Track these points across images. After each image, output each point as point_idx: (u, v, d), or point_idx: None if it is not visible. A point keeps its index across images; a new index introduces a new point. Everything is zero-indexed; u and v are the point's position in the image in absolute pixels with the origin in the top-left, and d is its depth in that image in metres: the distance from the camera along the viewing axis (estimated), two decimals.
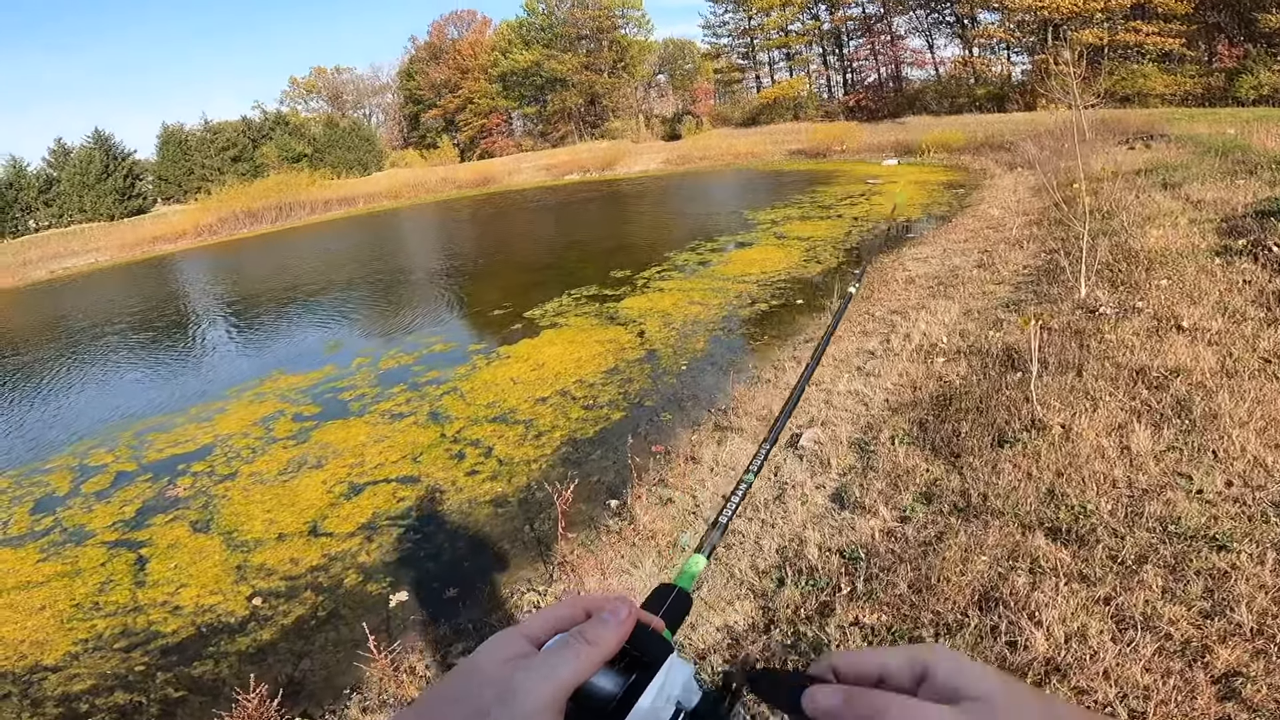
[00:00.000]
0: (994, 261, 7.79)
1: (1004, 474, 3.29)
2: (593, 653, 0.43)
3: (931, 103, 35.75)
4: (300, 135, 46.14)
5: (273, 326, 10.98)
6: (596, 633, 0.45)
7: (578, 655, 0.43)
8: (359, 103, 59.65)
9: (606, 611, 0.46)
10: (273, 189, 31.45)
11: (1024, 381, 4.20)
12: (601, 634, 0.44)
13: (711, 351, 6.80)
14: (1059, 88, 13.81)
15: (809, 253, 10.37)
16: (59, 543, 4.78)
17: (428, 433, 5.66)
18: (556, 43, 47.18)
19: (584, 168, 32.76)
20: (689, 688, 0.47)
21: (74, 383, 9.20)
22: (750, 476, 0.72)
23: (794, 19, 44.00)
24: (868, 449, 4.00)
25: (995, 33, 35.76)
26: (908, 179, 17.50)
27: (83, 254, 25.43)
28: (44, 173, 39.43)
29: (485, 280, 12.43)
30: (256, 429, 6.28)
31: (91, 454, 6.31)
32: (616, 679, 0.45)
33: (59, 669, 3.52)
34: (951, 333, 5.69)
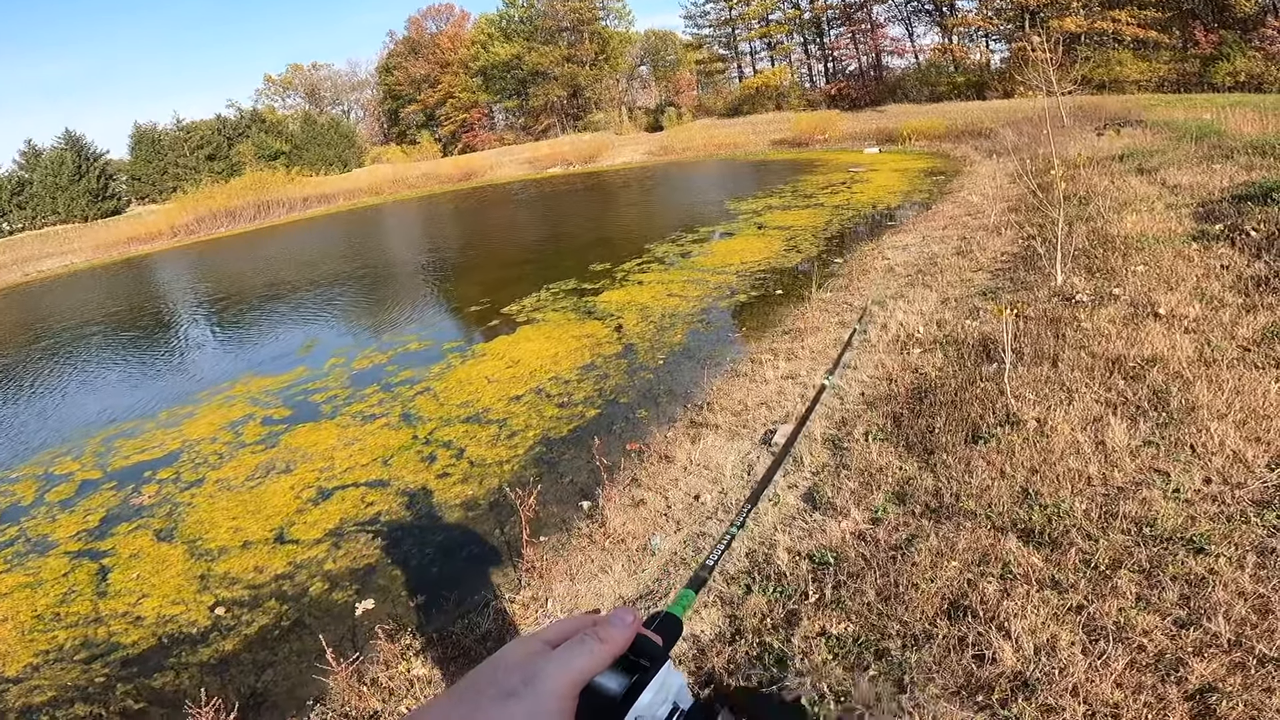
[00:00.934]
0: (972, 249, 7.75)
1: (977, 472, 3.22)
2: (604, 649, 0.49)
3: (912, 91, 35.78)
4: (277, 133, 45.47)
5: (246, 327, 10.77)
6: (608, 632, 0.50)
7: (591, 650, 0.48)
8: (337, 99, 58.93)
9: (615, 616, 0.52)
10: (249, 187, 30.92)
11: (999, 373, 4.14)
12: (612, 633, 0.50)
13: (689, 345, 6.72)
14: (1036, 75, 13.82)
15: (789, 242, 10.30)
16: (22, 553, 4.66)
17: (399, 435, 5.54)
18: (537, 35, 46.75)
19: (566, 161, 32.50)
20: (683, 693, 0.52)
21: (44, 389, 8.97)
22: (734, 529, 0.85)
23: (774, 8, 43.89)
24: (841, 446, 3.94)
25: (973, 20, 35.82)
26: (889, 166, 17.48)
27: (57, 256, 24.95)
28: (15, 175, 38.64)
29: (464, 276, 12.26)
30: (225, 434, 6.14)
31: (58, 462, 6.14)
32: (620, 679, 0.50)
33: (19, 680, 3.43)
34: (929, 322, 5.63)
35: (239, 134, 45.27)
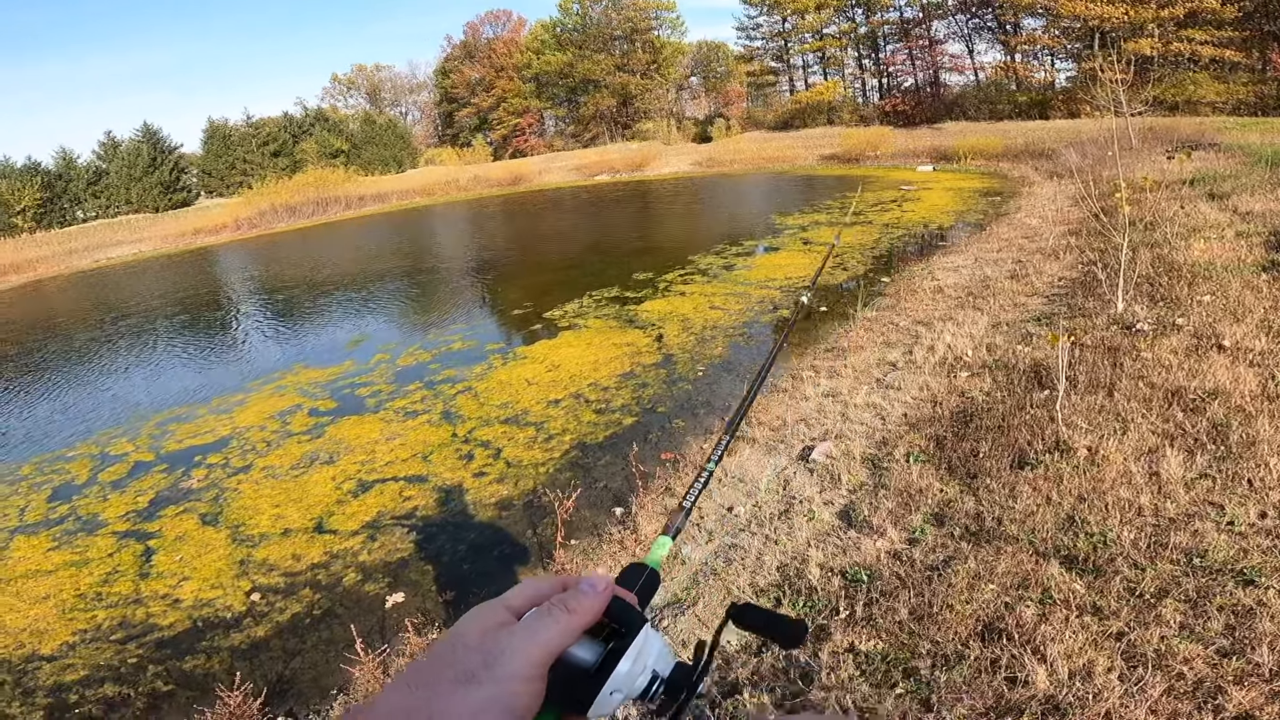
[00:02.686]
0: (1028, 272, 7.52)
1: (1022, 497, 3.13)
2: (573, 620, 0.45)
3: (970, 108, 35.01)
4: (338, 131, 46.99)
5: (299, 320, 11.14)
6: (576, 602, 0.46)
7: (558, 622, 0.45)
8: (396, 100, 60.67)
9: (585, 583, 0.48)
10: (310, 184, 32.05)
11: (1050, 400, 4.00)
12: (581, 603, 0.46)
13: (730, 358, 6.68)
14: (1105, 95, 13.36)
15: (836, 259, 10.16)
16: (71, 531, 4.84)
17: (439, 432, 5.64)
18: (590, 43, 47.34)
19: (614, 168, 32.77)
20: (664, 657, 0.49)
21: (107, 370, 9.44)
22: (711, 465, 0.77)
23: (829, 22, 43.49)
24: (881, 465, 3.86)
25: (1040, 39, 34.87)
26: (942, 185, 17.12)
27: (127, 244, 26.19)
28: (93, 165, 40.76)
29: (509, 279, 12.46)
30: (274, 422, 6.34)
31: (113, 443, 6.43)
32: (595, 648, 0.47)
33: (54, 659, 3.55)
34: (978, 346, 5.49)
35: (303, 131, 46.92)
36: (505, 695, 0.41)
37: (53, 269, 22.88)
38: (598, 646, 0.47)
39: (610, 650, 0.47)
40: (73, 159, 40.22)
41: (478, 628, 0.45)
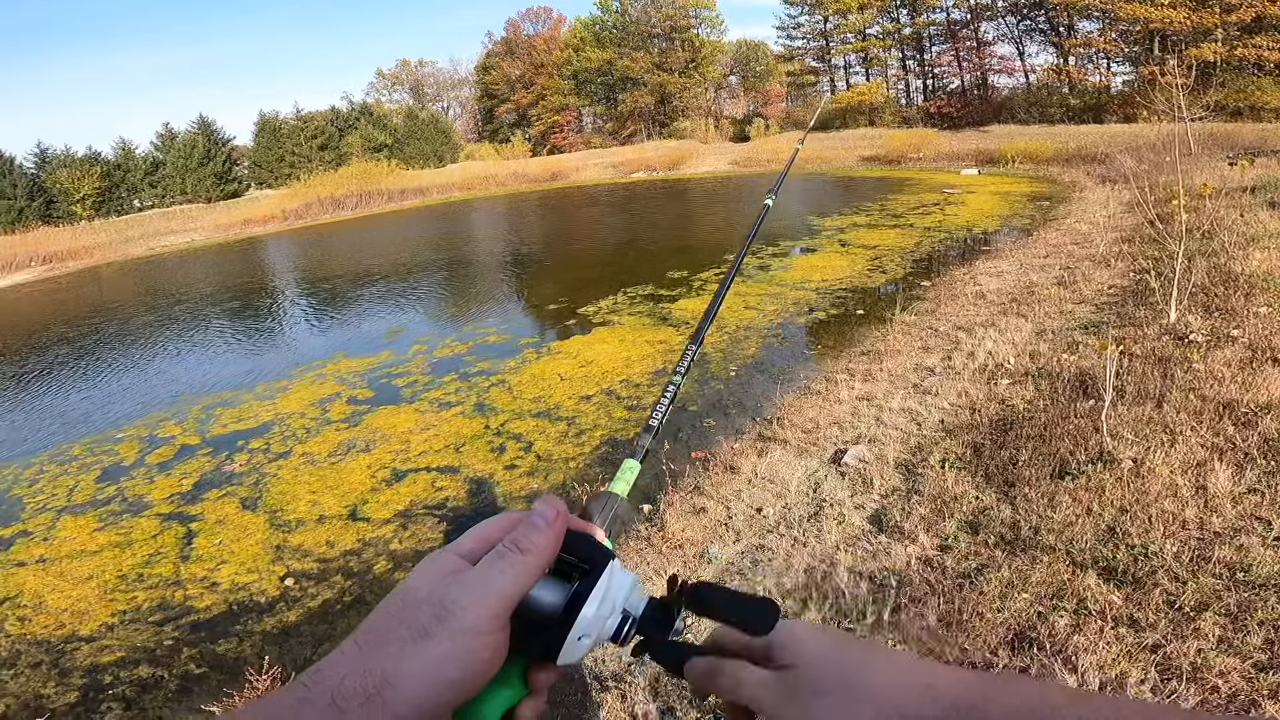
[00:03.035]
0: (1076, 279, 7.30)
1: (1061, 507, 3.05)
2: (528, 560, 0.42)
3: (1020, 111, 34.08)
4: (382, 126, 47.93)
5: (341, 309, 11.41)
6: (528, 539, 0.43)
7: (513, 565, 0.41)
8: (438, 95, 61.66)
9: (535, 515, 0.44)
10: (355, 177, 32.81)
11: (1095, 410, 3.88)
12: (533, 539, 0.43)
13: (763, 358, 6.63)
14: (1163, 99, 12.86)
15: (874, 262, 10.01)
16: (117, 513, 5.00)
17: (472, 424, 5.72)
18: (629, 41, 47.40)
19: (650, 166, 32.79)
20: (634, 595, 0.46)
21: (159, 353, 9.80)
22: (677, 378, 0.72)
23: (873, 22, 42.74)
24: (915, 471, 3.79)
25: (1095, 42, 33.73)
26: (988, 189, 16.71)
27: (180, 233, 27.15)
28: (151, 155, 42.29)
29: (544, 274, 12.57)
30: (314, 409, 6.51)
31: (162, 425, 6.66)
32: (558, 589, 0.44)
33: (93, 639, 3.64)
34: (1020, 353, 5.35)
35: (349, 125, 47.97)
36: (463, 649, 0.39)
37: (109, 256, 23.83)
38: (562, 588, 0.44)
39: (576, 592, 0.44)
40: (131, 150, 41.77)
41: (428, 579, 0.42)
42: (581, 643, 0.43)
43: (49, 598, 4.03)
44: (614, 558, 0.46)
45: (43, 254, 23.35)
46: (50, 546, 4.60)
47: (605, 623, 0.44)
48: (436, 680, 0.38)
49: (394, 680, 0.38)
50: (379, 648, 0.39)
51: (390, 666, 0.38)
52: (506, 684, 0.43)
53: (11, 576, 4.29)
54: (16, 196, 35.99)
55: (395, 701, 0.37)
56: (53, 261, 23.01)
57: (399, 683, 0.38)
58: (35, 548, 4.60)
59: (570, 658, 0.44)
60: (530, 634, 0.43)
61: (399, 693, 0.37)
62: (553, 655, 0.43)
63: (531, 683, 0.44)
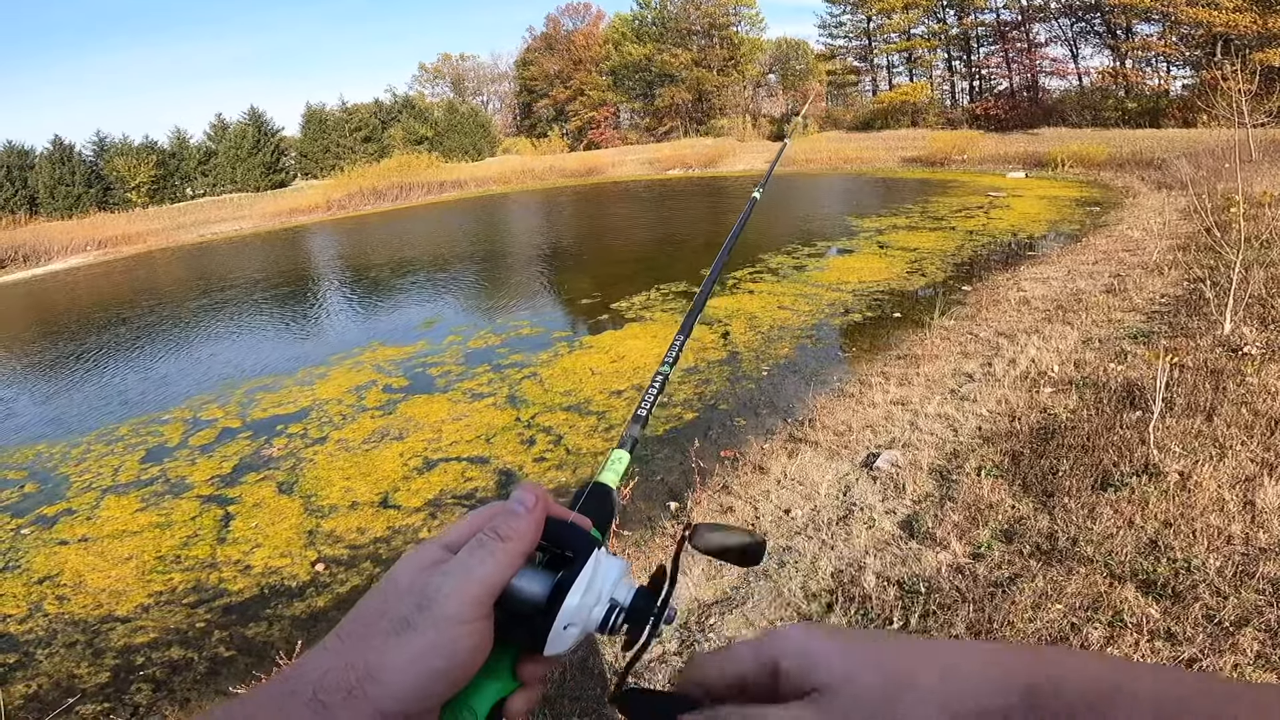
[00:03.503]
0: (1126, 287, 7.06)
1: (1102, 519, 2.97)
2: (508, 547, 0.41)
3: (1071, 114, 32.97)
4: (423, 119, 48.65)
5: (380, 299, 11.64)
6: (508, 526, 0.42)
7: (493, 552, 0.41)
8: (478, 89, 62.26)
9: (514, 502, 0.43)
10: (396, 169, 33.41)
11: (1142, 422, 3.75)
12: (513, 526, 0.42)
13: (796, 359, 6.56)
14: (1225, 104, 12.35)
15: (913, 265, 9.81)
16: (160, 494, 5.13)
17: (504, 415, 5.78)
18: (668, 37, 47.24)
19: (687, 164, 32.65)
20: (623, 584, 0.45)
21: (206, 337, 10.13)
22: (666, 368, 0.70)
23: (918, 22, 41.80)
24: (949, 477, 3.71)
25: (1155, 45, 32.46)
26: (1035, 193, 16.24)
27: (230, 221, 27.99)
28: (204, 145, 43.64)
29: (578, 269, 12.62)
30: (350, 396, 6.65)
31: (205, 408, 6.87)
32: (542, 578, 0.43)
33: (128, 620, 3.72)
34: (1065, 361, 5.19)
35: (391, 118, 48.82)
36: (446, 640, 0.38)
37: (162, 241, 24.69)
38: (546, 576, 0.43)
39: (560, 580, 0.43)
40: (186, 139, 43.17)
41: (409, 570, 0.41)
42: (568, 632, 0.42)
43: (89, 577, 4.14)
44: (600, 546, 0.46)
45: (98, 239, 24.30)
46: (93, 526, 4.74)
47: (591, 612, 0.43)
48: (421, 672, 0.37)
49: (377, 673, 0.37)
50: (361, 641, 0.38)
51: (373, 659, 0.37)
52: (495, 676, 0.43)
53: (54, 555, 4.43)
54: (75, 183, 37.49)
55: (379, 695, 0.37)
56: (107, 246, 23.93)
57: (382, 675, 0.37)
58: (79, 527, 4.75)
59: (558, 648, 0.43)
60: (515, 624, 0.42)
61: (383, 686, 0.37)
62: (539, 646, 0.42)
63: (521, 675, 0.44)
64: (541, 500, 0.44)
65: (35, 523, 4.89)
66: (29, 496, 5.35)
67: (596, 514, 0.50)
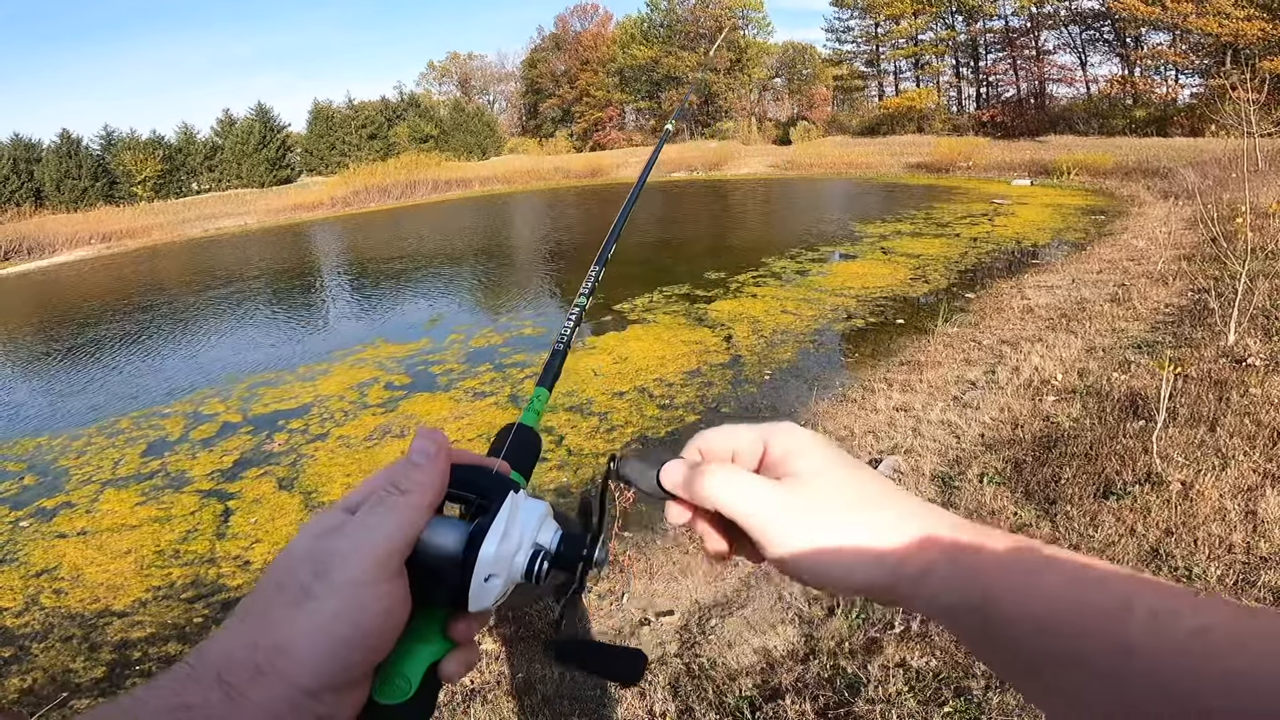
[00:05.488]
0: (1130, 297, 7.05)
1: (1104, 527, 2.99)
2: (409, 500, 0.39)
3: (1079, 122, 32.99)
4: (429, 117, 48.77)
5: (382, 296, 11.65)
6: (407, 478, 0.40)
7: (392, 508, 0.38)
8: (485, 89, 62.45)
9: (413, 453, 0.41)
10: (402, 167, 33.49)
11: (1145, 431, 3.75)
12: (413, 477, 0.40)
13: (798, 363, 6.55)
14: (1233, 113, 12.34)
15: (917, 271, 9.80)
16: (160, 487, 5.09)
17: (505, 414, 5.78)
18: (675, 40, 47.34)
19: (691, 166, 32.68)
20: (547, 528, 0.43)
21: (209, 331, 10.14)
22: (583, 299, 0.69)
23: (926, 28, 41.84)
24: (951, 484, 3.70)
25: (1165, 54, 32.43)
26: (1040, 201, 16.23)
27: (235, 216, 28.03)
28: (210, 140, 43.80)
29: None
30: (352, 393, 6.65)
31: (207, 402, 6.86)
32: (456, 530, 0.41)
33: (125, 615, 3.68)
34: (1069, 370, 5.18)
35: (398, 116, 48.97)
36: (350, 606, 0.36)
37: (167, 236, 24.73)
38: (460, 528, 0.41)
39: (474, 529, 0.40)
40: (193, 134, 43.32)
41: (306, 538, 0.39)
42: (491, 584, 0.40)
43: (87, 571, 4.11)
44: (518, 489, 0.43)
45: (103, 233, 24.36)
46: (92, 519, 4.71)
47: (513, 559, 0.41)
48: (331, 640, 0.35)
49: (285, 648, 0.35)
50: (261, 617, 0.36)
51: (278, 634, 0.35)
52: (425, 639, 0.41)
53: (52, 548, 4.40)
54: (81, 177, 37.65)
55: (293, 670, 0.35)
56: (111, 240, 23.99)
57: (291, 650, 0.35)
58: (78, 520, 4.72)
59: (483, 602, 0.40)
60: (435, 582, 0.40)
61: (294, 661, 0.35)
62: (462, 602, 0.40)
63: (453, 635, 0.41)
64: (443, 448, 0.41)
65: (34, 515, 4.87)
66: (28, 489, 5.33)
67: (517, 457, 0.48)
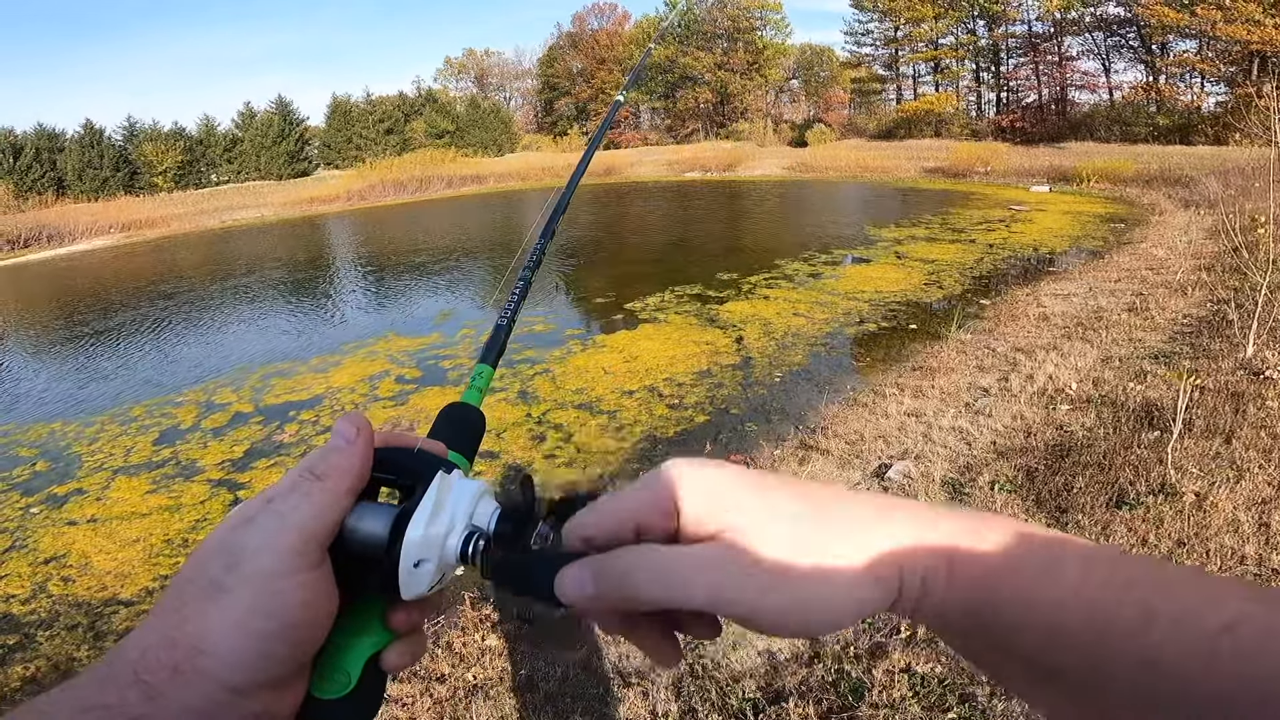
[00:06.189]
0: (1148, 306, 6.97)
1: (1115, 536, 3.00)
2: (326, 486, 0.37)
3: (1100, 129, 32.61)
4: (446, 113, 48.95)
5: (396, 290, 11.72)
6: (325, 463, 0.38)
7: (308, 494, 0.37)
8: (501, 85, 62.67)
9: (334, 436, 0.39)
10: (419, 163, 33.67)
11: (1160, 442, 3.71)
12: (332, 462, 0.38)
13: (809, 366, 6.52)
14: (1258, 122, 12.16)
15: (931, 276, 9.73)
16: (170, 476, 5.10)
17: (514, 411, 5.79)
18: (693, 40, 47.26)
19: (705, 166, 32.61)
20: (482, 506, 0.39)
21: (224, 321, 10.24)
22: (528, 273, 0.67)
23: (947, 32, 41.51)
24: (962, 490, 3.67)
25: (1191, 61, 31.95)
26: (1058, 208, 16.06)
27: (252, 208, 28.26)
28: (230, 133, 44.18)
29: (593, 267, 12.63)
30: (363, 386, 6.69)
31: (220, 391, 6.91)
32: (383, 515, 0.38)
33: (132, 604, 3.67)
34: (1083, 379, 5.13)
35: (415, 111, 49.18)
36: (265, 597, 0.34)
37: (185, 226, 24.98)
38: (388, 512, 0.39)
39: (400, 512, 0.38)
40: (214, 126, 43.72)
41: (220, 531, 0.38)
42: (422, 569, 0.38)
43: (95, 559, 4.10)
44: (450, 469, 0.40)
45: (123, 222, 24.63)
46: (102, 506, 4.72)
47: (445, 543, 0.38)
48: (247, 635, 0.34)
49: (203, 644, 0.34)
50: (175, 613, 0.35)
51: (192, 630, 0.34)
52: (363, 631, 0.39)
53: (61, 535, 4.41)
54: (103, 166, 38.09)
55: (214, 667, 0.34)
56: (131, 229, 24.26)
57: (208, 645, 0.34)
58: (88, 507, 4.74)
59: (417, 589, 0.38)
60: (366, 570, 0.38)
61: (213, 657, 0.34)
62: (393, 589, 0.38)
63: (393, 624, 0.40)
64: (365, 431, 0.40)
65: (45, 502, 4.90)
66: (40, 475, 5.37)
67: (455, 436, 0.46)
